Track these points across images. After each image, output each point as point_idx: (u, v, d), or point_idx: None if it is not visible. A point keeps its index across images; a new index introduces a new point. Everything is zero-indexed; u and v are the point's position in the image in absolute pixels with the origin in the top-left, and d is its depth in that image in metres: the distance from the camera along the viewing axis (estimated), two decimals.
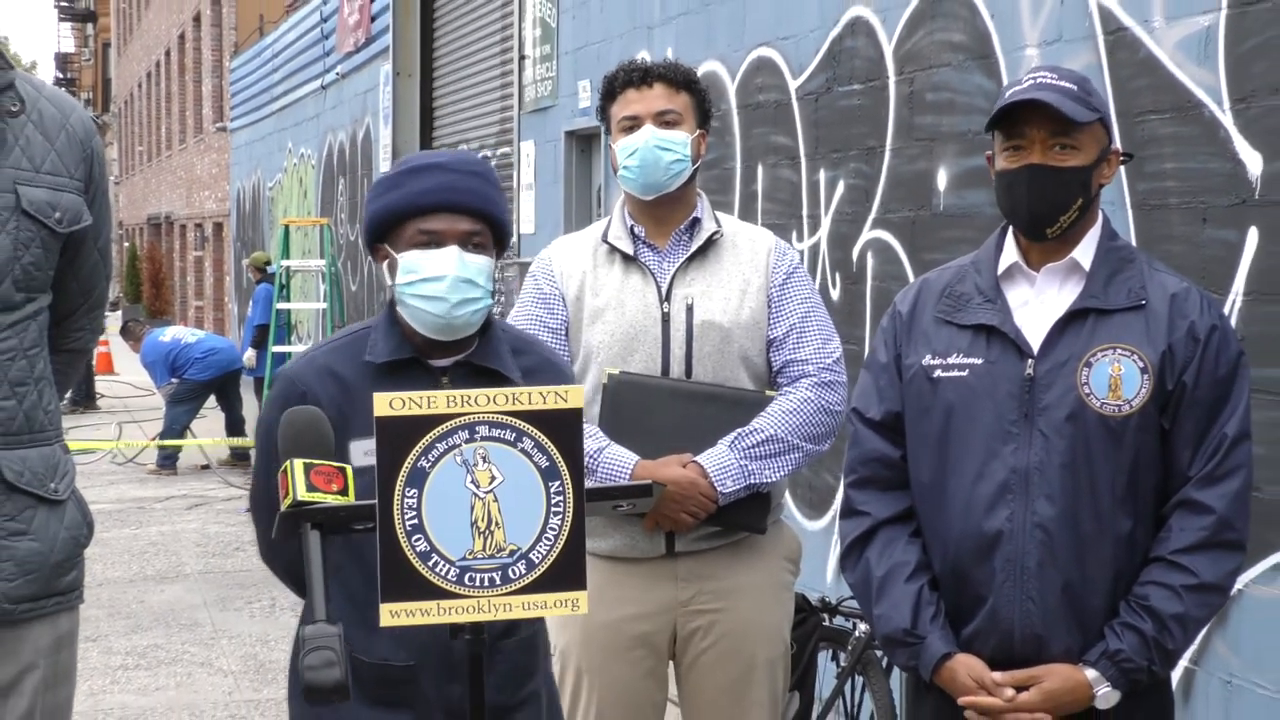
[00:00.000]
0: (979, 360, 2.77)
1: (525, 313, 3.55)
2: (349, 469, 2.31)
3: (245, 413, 13.35)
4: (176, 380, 12.95)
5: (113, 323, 21.95)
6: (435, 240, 2.69)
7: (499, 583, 2.19)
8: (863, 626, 4.46)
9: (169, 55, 33.98)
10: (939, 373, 2.80)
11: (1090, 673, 2.69)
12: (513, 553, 2.20)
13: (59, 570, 2.79)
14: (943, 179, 5.18)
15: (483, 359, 2.76)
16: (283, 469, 2.28)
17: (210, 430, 13.66)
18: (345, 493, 2.27)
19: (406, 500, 2.16)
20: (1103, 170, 2.79)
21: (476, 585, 2.18)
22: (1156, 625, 2.67)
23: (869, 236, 5.67)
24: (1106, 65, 4.30)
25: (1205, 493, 2.68)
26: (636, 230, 3.55)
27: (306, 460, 2.27)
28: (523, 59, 9.70)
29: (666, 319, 3.48)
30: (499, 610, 2.19)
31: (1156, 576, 2.69)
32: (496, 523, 2.19)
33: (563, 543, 2.21)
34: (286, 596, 6.00)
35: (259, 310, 14.38)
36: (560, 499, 2.21)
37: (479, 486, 2.19)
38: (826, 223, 5.97)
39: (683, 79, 3.55)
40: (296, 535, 2.24)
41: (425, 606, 2.17)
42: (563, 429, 2.21)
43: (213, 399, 13.47)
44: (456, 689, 2.66)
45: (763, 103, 6.45)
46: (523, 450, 2.20)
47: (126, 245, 41.27)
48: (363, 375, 2.72)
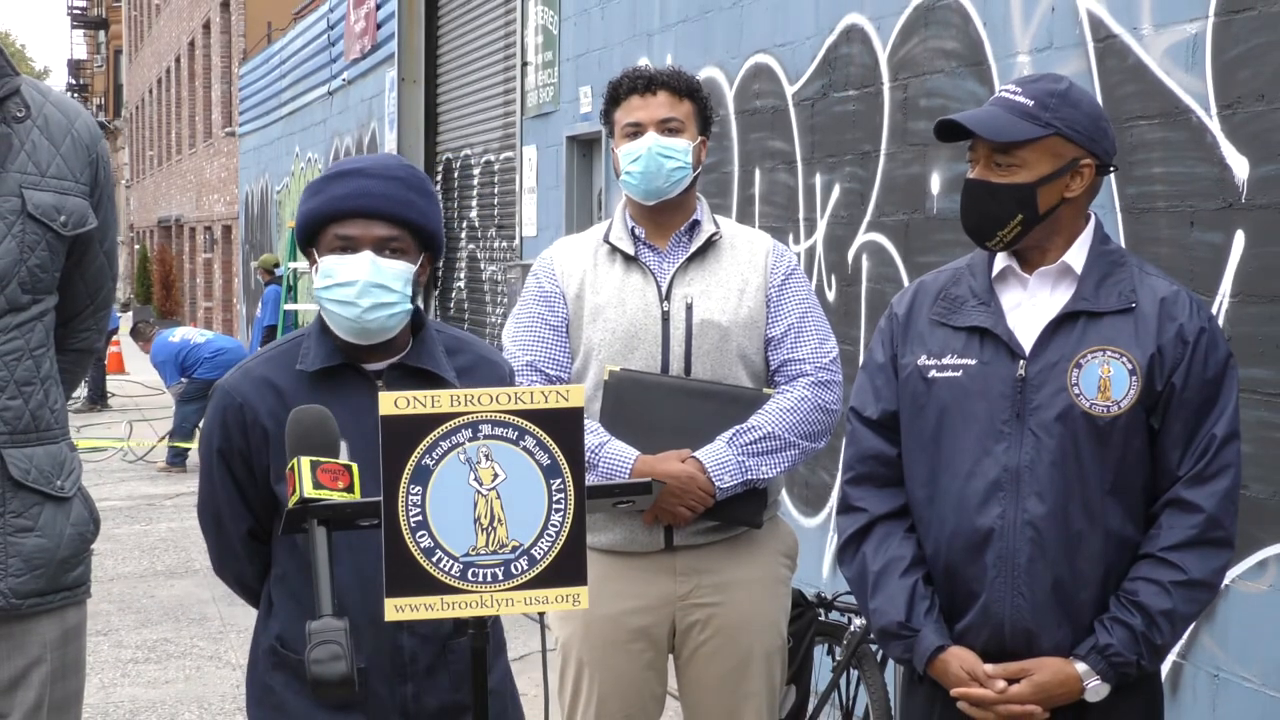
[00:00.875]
0: (972, 361, 2.78)
1: (526, 310, 3.58)
2: (354, 467, 2.33)
3: None
4: (186, 379, 12.97)
5: (124, 323, 21.97)
6: (350, 245, 2.69)
7: (501, 578, 2.20)
8: (858, 621, 4.43)
9: (179, 62, 33.94)
10: (934, 373, 2.82)
11: (1080, 666, 2.71)
12: (515, 549, 2.21)
13: (65, 566, 2.80)
14: (936, 183, 5.20)
15: (416, 360, 2.76)
16: (289, 466, 2.30)
17: None
18: (351, 490, 2.30)
19: (411, 497, 2.18)
20: (1066, 183, 2.76)
21: (479, 581, 2.20)
22: (1145, 620, 2.68)
23: (864, 239, 5.68)
24: (1096, 72, 4.32)
25: (1194, 492, 2.70)
26: (637, 232, 3.58)
27: (313, 458, 2.30)
28: (525, 65, 9.71)
29: (666, 317, 3.50)
30: (501, 605, 2.21)
31: (1146, 573, 2.70)
32: (499, 519, 2.20)
33: (564, 539, 2.22)
34: None
35: (268, 311, 14.43)
36: (561, 496, 2.22)
37: (482, 484, 2.20)
38: (822, 226, 5.98)
39: (686, 87, 3.57)
40: (301, 531, 2.27)
41: (429, 601, 2.18)
42: (564, 427, 2.23)
43: None
44: (409, 688, 2.69)
45: (760, 108, 6.46)
46: (525, 448, 2.21)
47: (137, 248, 41.29)
48: (298, 384, 2.72)
